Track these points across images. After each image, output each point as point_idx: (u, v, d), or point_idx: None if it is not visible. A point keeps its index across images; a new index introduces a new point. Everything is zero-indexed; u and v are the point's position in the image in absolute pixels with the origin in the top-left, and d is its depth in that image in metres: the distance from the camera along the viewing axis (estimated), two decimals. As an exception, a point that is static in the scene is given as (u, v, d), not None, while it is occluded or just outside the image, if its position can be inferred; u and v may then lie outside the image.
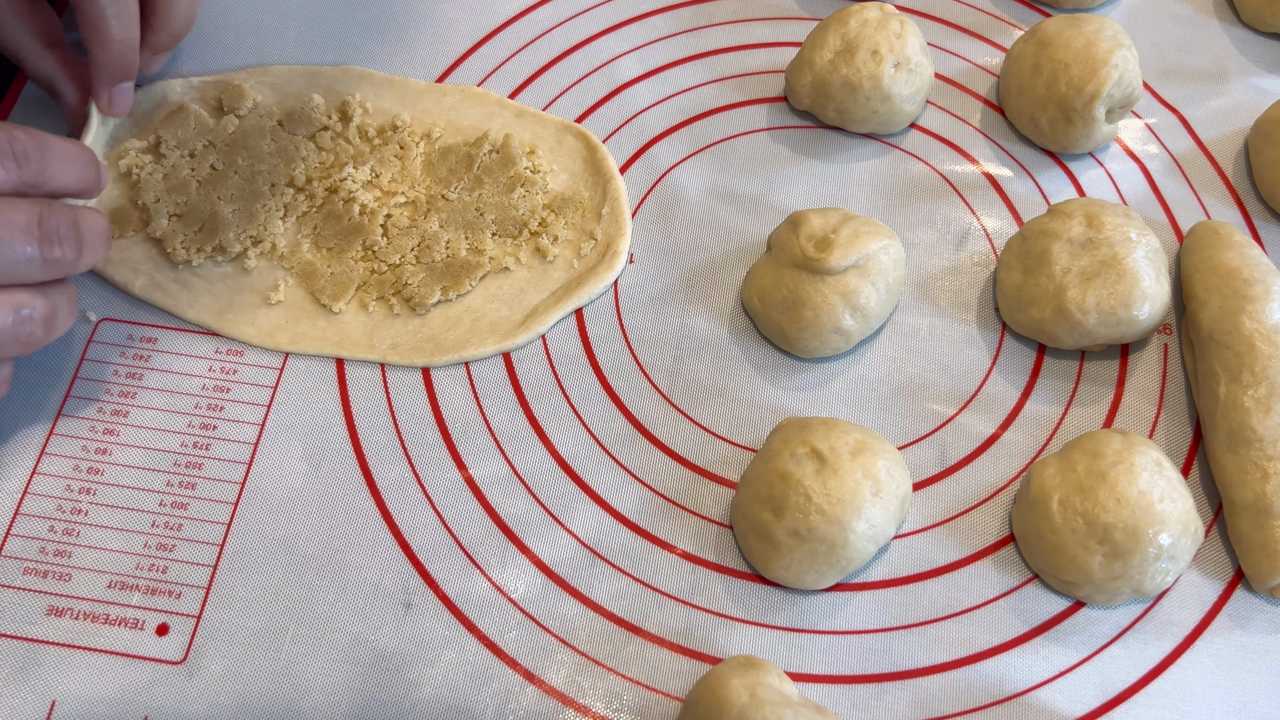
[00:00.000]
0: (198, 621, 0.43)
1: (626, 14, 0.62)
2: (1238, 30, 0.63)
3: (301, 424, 0.48)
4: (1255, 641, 0.45)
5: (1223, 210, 0.56)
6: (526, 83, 0.59)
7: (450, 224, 0.52)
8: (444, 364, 0.50)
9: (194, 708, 0.42)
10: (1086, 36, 0.54)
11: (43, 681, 0.42)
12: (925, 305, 0.53)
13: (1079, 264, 0.49)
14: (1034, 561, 0.45)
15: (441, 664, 0.43)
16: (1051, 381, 0.51)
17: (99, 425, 0.47)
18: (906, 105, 0.56)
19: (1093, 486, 0.43)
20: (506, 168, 0.54)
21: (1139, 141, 0.58)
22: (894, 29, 0.55)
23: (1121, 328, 0.48)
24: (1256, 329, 0.47)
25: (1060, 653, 0.44)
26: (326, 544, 0.45)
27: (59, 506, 0.46)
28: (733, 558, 0.46)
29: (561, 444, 0.48)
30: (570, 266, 0.52)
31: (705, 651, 0.44)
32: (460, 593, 0.44)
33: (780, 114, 0.59)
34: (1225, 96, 0.60)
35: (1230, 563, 0.46)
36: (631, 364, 0.50)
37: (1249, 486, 0.45)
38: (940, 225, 0.55)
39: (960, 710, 0.43)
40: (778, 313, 0.49)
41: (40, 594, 0.44)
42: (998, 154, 0.58)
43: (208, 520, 0.46)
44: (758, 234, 0.54)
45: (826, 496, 0.42)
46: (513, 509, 0.46)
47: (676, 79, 0.60)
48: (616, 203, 0.54)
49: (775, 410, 0.49)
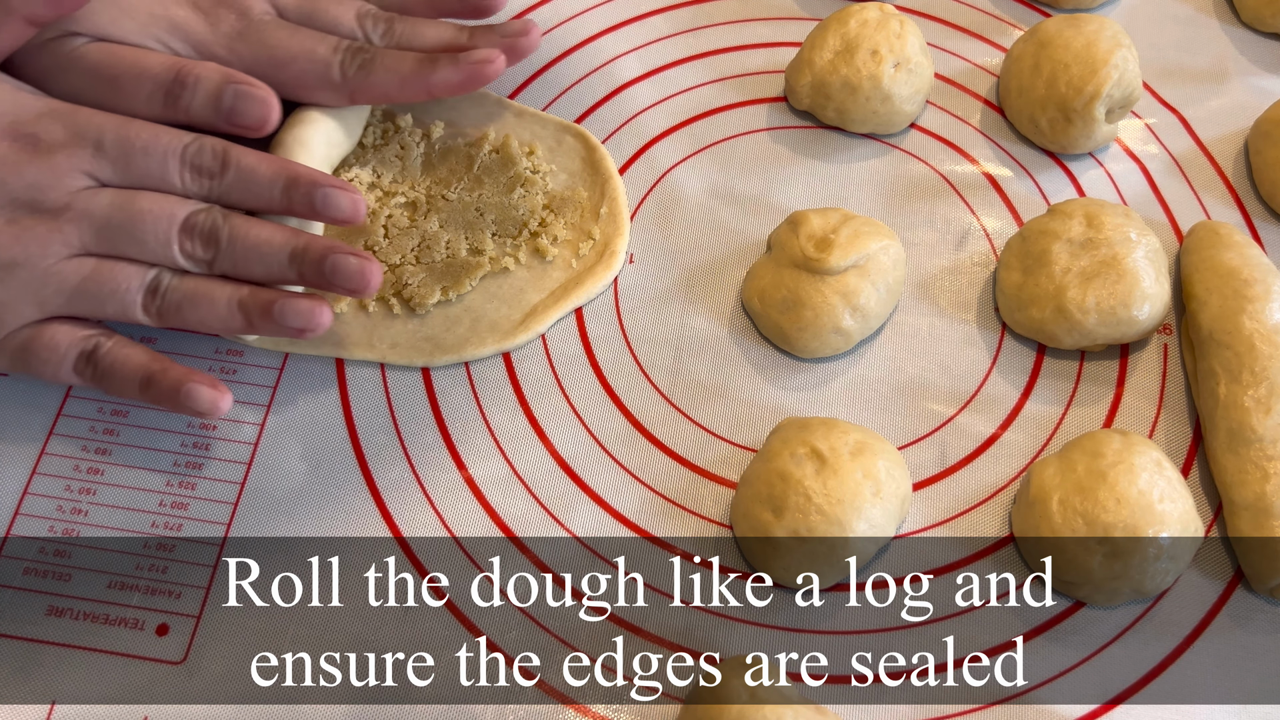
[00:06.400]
0: (198, 621, 0.43)
1: (626, 14, 0.62)
2: (1238, 30, 0.63)
3: (301, 424, 0.48)
4: (1255, 641, 0.45)
5: (1223, 210, 0.56)
6: (526, 83, 0.59)
7: (450, 224, 0.52)
8: (444, 364, 0.50)
9: (194, 708, 0.42)
10: (1086, 36, 0.54)
11: (43, 681, 0.42)
12: (925, 305, 0.53)
13: (1079, 264, 0.49)
14: (1034, 561, 0.45)
15: (442, 664, 0.43)
16: (1051, 381, 0.51)
17: (99, 425, 0.47)
18: (906, 105, 0.56)
19: (1093, 486, 0.43)
20: (506, 168, 0.54)
21: (1139, 141, 0.58)
22: (894, 29, 0.55)
23: (1121, 328, 0.48)
24: (1256, 329, 0.47)
25: (1060, 653, 0.44)
26: (326, 544, 0.45)
27: (59, 506, 0.46)
28: (733, 558, 0.46)
29: (561, 444, 0.48)
30: (569, 266, 0.52)
31: (705, 651, 0.44)
32: (460, 593, 0.44)
33: (780, 114, 0.59)
34: (1225, 96, 0.60)
35: (1230, 563, 0.46)
36: (631, 364, 0.50)
37: (1249, 486, 0.45)
38: (940, 225, 0.55)
39: (960, 710, 0.43)
40: (778, 313, 0.49)
41: (40, 594, 0.44)
42: (998, 154, 0.58)
43: (208, 520, 0.45)
44: (758, 234, 0.54)
45: (826, 496, 0.42)
46: (513, 509, 0.46)
47: (676, 79, 0.60)
48: (615, 202, 0.54)
49: (775, 410, 0.49)
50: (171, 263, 0.44)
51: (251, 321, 0.44)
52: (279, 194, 0.45)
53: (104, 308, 0.43)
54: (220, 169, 0.44)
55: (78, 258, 0.43)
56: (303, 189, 0.44)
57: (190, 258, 0.44)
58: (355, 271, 0.44)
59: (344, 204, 0.45)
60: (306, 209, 0.45)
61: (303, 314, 0.43)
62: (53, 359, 0.43)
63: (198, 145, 0.44)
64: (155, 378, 0.43)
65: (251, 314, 0.44)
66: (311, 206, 0.44)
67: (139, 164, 0.43)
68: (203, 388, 0.43)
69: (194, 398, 0.43)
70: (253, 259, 0.44)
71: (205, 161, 0.44)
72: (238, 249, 0.43)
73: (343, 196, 0.45)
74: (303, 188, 0.44)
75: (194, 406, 0.43)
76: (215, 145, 0.44)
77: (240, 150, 0.45)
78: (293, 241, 0.44)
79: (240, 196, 0.45)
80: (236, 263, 0.44)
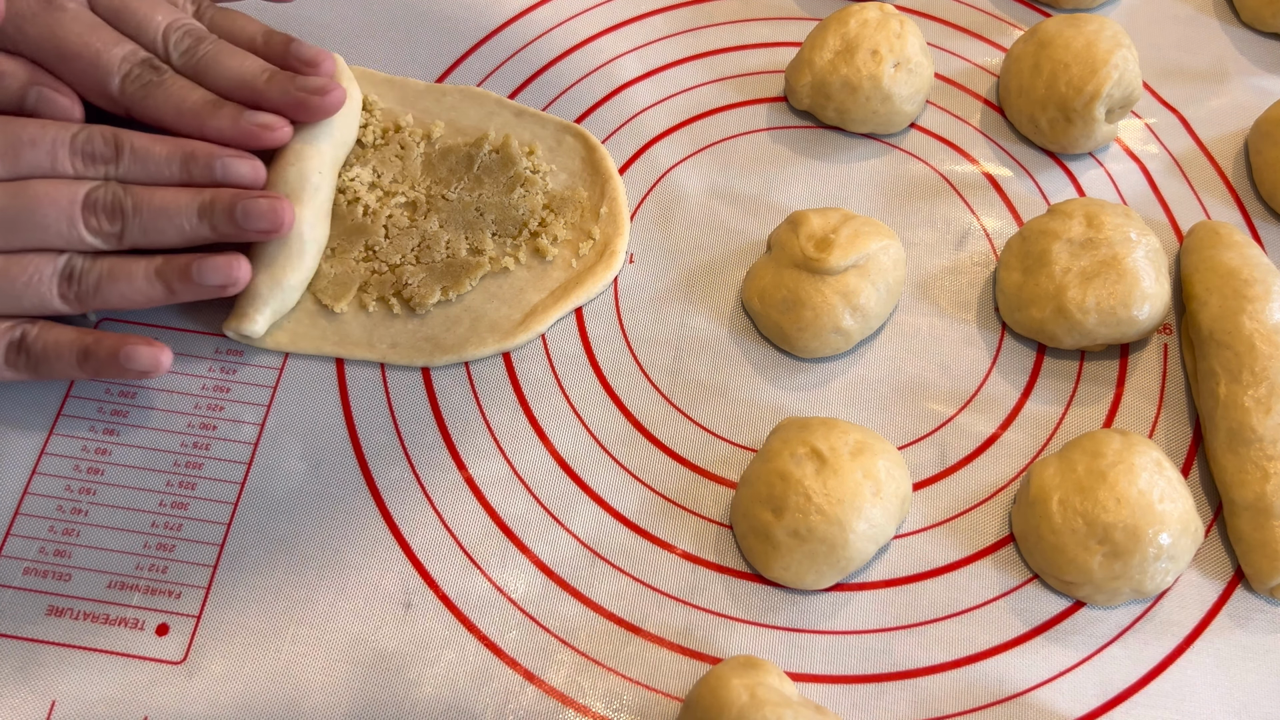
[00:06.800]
0: (198, 621, 0.43)
1: (626, 14, 0.62)
2: (1238, 30, 0.63)
3: (301, 424, 0.48)
4: (1255, 641, 0.45)
5: (1223, 210, 0.56)
6: (526, 83, 0.59)
7: (450, 224, 0.52)
8: (444, 364, 0.50)
9: (194, 708, 0.42)
10: (1086, 36, 0.54)
11: (43, 681, 0.42)
12: (925, 305, 0.53)
13: (1079, 264, 0.49)
14: (1034, 561, 0.45)
15: (441, 664, 0.43)
16: (1051, 381, 0.51)
17: (99, 425, 0.47)
18: (906, 105, 0.56)
19: (1093, 486, 0.43)
20: (506, 168, 0.54)
21: (1139, 141, 0.58)
22: (894, 29, 0.55)
23: (1121, 328, 0.48)
24: (1256, 329, 0.47)
25: (1060, 653, 0.44)
26: (326, 544, 0.45)
27: (59, 506, 0.46)
28: (733, 558, 0.46)
29: (561, 444, 0.48)
30: (569, 266, 0.52)
31: (705, 651, 0.44)
32: (460, 593, 0.44)
33: (780, 114, 0.59)
34: (1225, 96, 0.60)
35: (1230, 563, 0.46)
36: (631, 364, 0.50)
37: (1249, 486, 0.45)
38: (940, 225, 0.55)
39: (960, 710, 0.43)
40: (778, 313, 0.49)
41: (40, 594, 0.44)
42: (998, 154, 0.58)
43: (208, 520, 0.46)
44: (758, 234, 0.54)
45: (826, 496, 0.42)
46: (513, 509, 0.46)
47: (676, 79, 0.60)
48: (615, 202, 0.54)
49: (775, 410, 0.49)
50: (79, 244, 0.43)
51: (171, 287, 0.44)
52: (178, 168, 0.44)
53: (20, 303, 0.43)
54: (114, 153, 0.44)
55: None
56: (201, 161, 0.44)
57: (97, 234, 0.43)
58: (267, 210, 0.44)
59: (244, 169, 0.45)
60: (207, 179, 0.44)
61: (221, 269, 0.44)
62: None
63: (86, 133, 0.44)
64: (90, 349, 0.43)
65: (170, 280, 0.44)
66: (212, 176, 0.44)
67: (27, 156, 0.43)
68: (140, 347, 0.43)
69: (134, 358, 0.43)
70: (162, 221, 0.43)
71: (97, 147, 0.44)
72: (144, 215, 0.43)
73: (242, 164, 0.45)
74: (201, 160, 0.44)
75: (136, 367, 0.43)
76: (105, 131, 0.44)
77: (131, 133, 0.45)
78: (199, 197, 0.44)
79: (139, 179, 0.44)
80: (146, 229, 0.44)
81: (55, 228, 0.43)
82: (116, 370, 0.43)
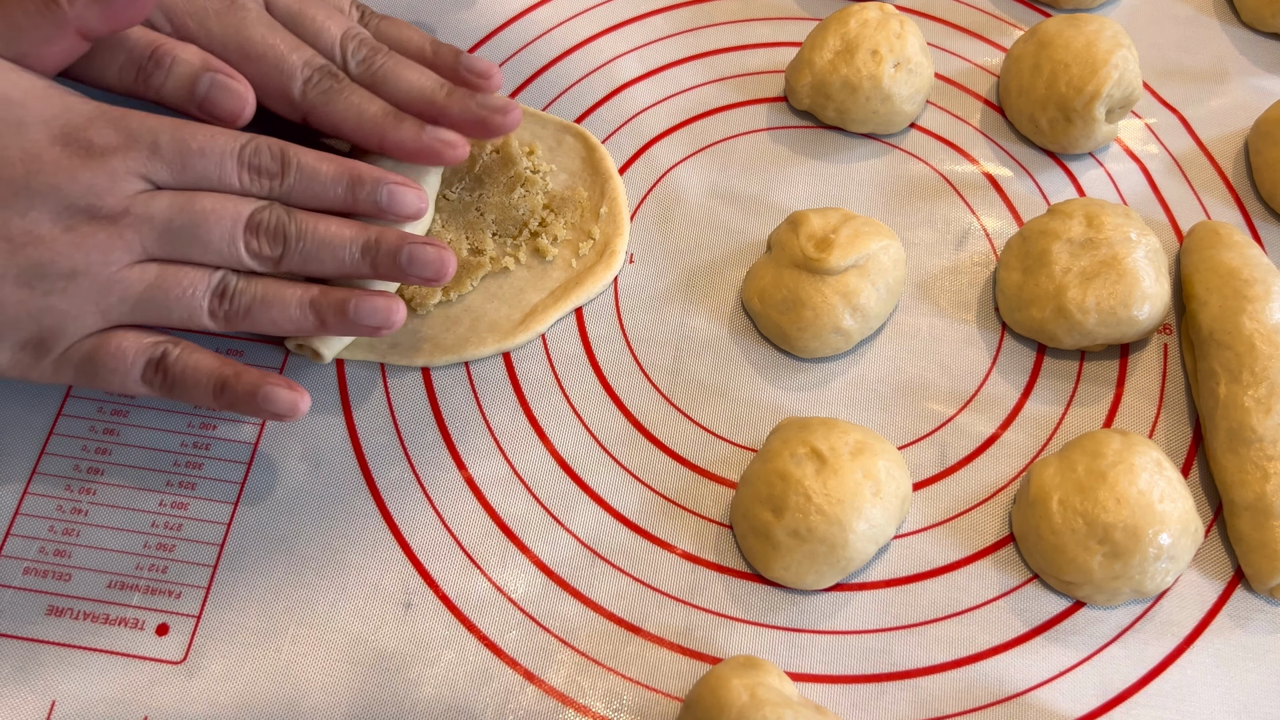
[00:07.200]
0: (198, 621, 0.43)
1: (626, 14, 0.62)
2: (1238, 30, 0.63)
3: (301, 424, 0.48)
4: (1255, 641, 0.45)
5: (1223, 210, 0.56)
6: (526, 83, 0.59)
7: (450, 224, 0.52)
8: (444, 364, 0.50)
9: (194, 708, 0.42)
10: (1086, 36, 0.54)
11: (43, 681, 0.42)
12: (925, 305, 0.53)
13: (1079, 264, 0.49)
14: (1034, 561, 0.45)
15: (441, 664, 0.43)
16: (1051, 381, 0.51)
17: (99, 425, 0.47)
18: (906, 105, 0.56)
19: (1093, 486, 0.43)
20: (506, 168, 0.54)
21: (1139, 141, 0.58)
22: (894, 29, 0.55)
23: (1121, 328, 0.48)
24: (1256, 329, 0.47)
25: (1060, 653, 0.44)
26: (326, 544, 0.45)
27: (59, 506, 0.46)
28: (733, 558, 0.46)
29: (561, 444, 0.48)
30: (569, 266, 0.52)
31: (705, 651, 0.44)
32: (460, 593, 0.44)
33: (780, 114, 0.59)
34: (1225, 96, 0.60)
35: (1230, 563, 0.46)
36: (631, 364, 0.50)
37: (1249, 486, 0.45)
38: (940, 225, 0.55)
39: (960, 710, 0.43)
40: (778, 313, 0.49)
41: (40, 594, 0.44)
42: (998, 154, 0.58)
43: (208, 520, 0.45)
44: (758, 234, 0.54)
45: (826, 496, 0.42)
46: (513, 509, 0.46)
47: (676, 79, 0.60)
48: (614, 202, 0.54)
49: (775, 410, 0.49)
50: (237, 263, 0.42)
51: (325, 321, 0.43)
52: (344, 190, 0.44)
53: (170, 314, 0.42)
54: (281, 169, 0.43)
55: (140, 264, 0.41)
56: (368, 186, 0.44)
57: (257, 256, 0.42)
58: (433, 259, 0.43)
59: (410, 199, 0.44)
60: (372, 206, 0.44)
61: (380, 311, 0.43)
62: (120, 369, 0.42)
63: (254, 145, 0.43)
64: (229, 383, 0.42)
65: (325, 314, 0.43)
66: (376, 204, 0.44)
67: (196, 165, 0.42)
68: (281, 389, 0.42)
69: (273, 400, 0.42)
70: (324, 253, 0.43)
71: (264, 162, 0.43)
72: (307, 243, 0.42)
73: (409, 193, 0.44)
74: (368, 185, 0.44)
75: (273, 409, 0.42)
76: (272, 145, 0.43)
77: (298, 149, 0.44)
78: (364, 234, 0.43)
79: (302, 197, 0.43)
80: (306, 258, 0.43)
81: (216, 245, 0.42)
82: (253, 409, 0.42)
